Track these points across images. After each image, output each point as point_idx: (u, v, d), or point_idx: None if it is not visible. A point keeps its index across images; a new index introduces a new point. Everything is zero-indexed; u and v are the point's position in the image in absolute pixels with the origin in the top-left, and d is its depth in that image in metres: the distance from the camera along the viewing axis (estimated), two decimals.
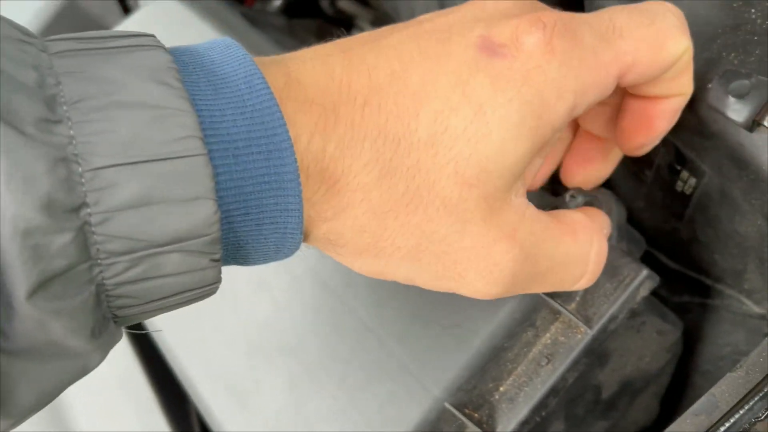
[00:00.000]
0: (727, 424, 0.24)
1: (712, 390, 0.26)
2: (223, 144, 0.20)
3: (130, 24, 0.48)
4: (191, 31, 0.45)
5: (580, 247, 0.26)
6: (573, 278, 0.27)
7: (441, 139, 0.23)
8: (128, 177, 0.18)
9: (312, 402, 0.33)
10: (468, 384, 0.29)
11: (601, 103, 0.29)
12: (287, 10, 0.63)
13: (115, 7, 0.65)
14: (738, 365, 0.25)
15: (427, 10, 0.45)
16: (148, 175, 0.18)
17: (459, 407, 0.29)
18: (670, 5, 0.26)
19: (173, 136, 0.19)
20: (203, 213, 0.19)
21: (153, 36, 0.21)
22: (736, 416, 0.24)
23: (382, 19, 0.61)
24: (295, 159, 0.21)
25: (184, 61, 0.21)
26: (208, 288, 0.21)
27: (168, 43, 0.49)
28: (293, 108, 0.22)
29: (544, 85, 0.23)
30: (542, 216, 0.26)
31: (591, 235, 0.27)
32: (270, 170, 0.21)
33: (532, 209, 0.25)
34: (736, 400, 0.25)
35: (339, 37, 0.26)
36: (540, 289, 0.27)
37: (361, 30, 0.63)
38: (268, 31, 0.48)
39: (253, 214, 0.21)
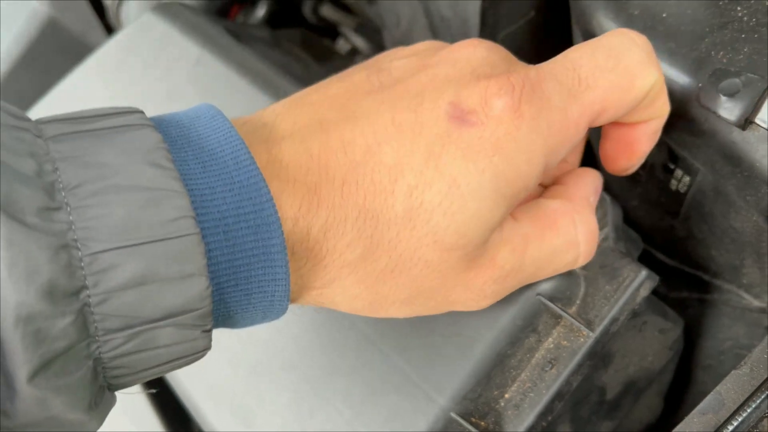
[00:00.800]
0: (735, 423, 0.24)
1: (718, 388, 0.26)
2: (214, 221, 0.21)
3: (113, 43, 0.48)
4: (174, 49, 0.45)
5: (564, 236, 0.27)
6: (567, 264, 0.28)
7: (417, 213, 0.23)
8: (126, 259, 0.19)
9: (317, 417, 0.33)
10: (473, 392, 0.29)
11: None
12: (270, 21, 0.62)
13: (98, 26, 0.64)
14: (742, 362, 0.26)
15: (412, 16, 0.45)
16: (144, 257, 0.19)
17: (465, 416, 0.29)
18: (633, 35, 0.26)
19: (167, 217, 0.19)
20: (196, 289, 0.20)
21: (141, 112, 0.22)
22: (744, 414, 0.24)
23: (365, 25, 0.61)
24: (282, 232, 0.22)
25: (171, 135, 0.22)
26: (199, 354, 0.22)
27: (152, 61, 0.49)
28: (278, 188, 0.23)
29: (515, 153, 0.24)
30: (520, 225, 0.26)
31: (572, 218, 0.27)
32: (258, 243, 0.22)
33: (508, 226, 0.26)
34: (741, 398, 0.25)
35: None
36: (535, 281, 0.28)
37: (346, 38, 0.63)
38: (252, 44, 0.48)
39: (242, 284, 0.22)
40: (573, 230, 0.27)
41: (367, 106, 0.25)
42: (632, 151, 0.28)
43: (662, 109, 0.27)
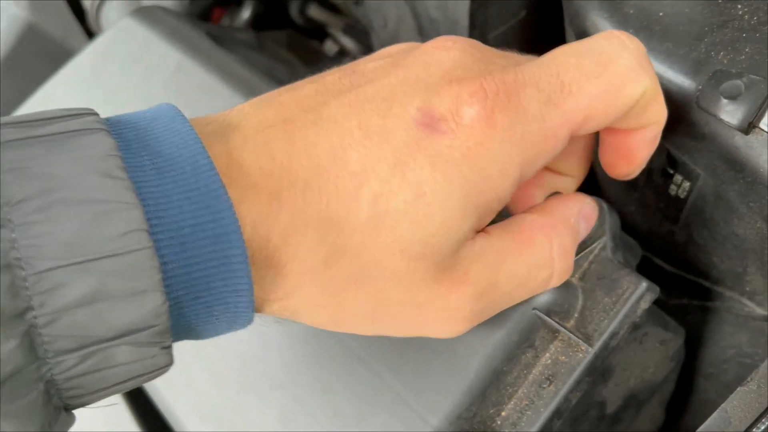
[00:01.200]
0: None
1: (724, 405, 0.24)
2: (170, 232, 0.20)
3: (91, 50, 0.46)
4: (154, 55, 0.43)
5: (539, 253, 0.25)
6: (541, 283, 0.26)
7: (383, 221, 0.22)
8: (74, 277, 0.18)
9: None
10: (468, 411, 0.28)
11: None
12: (256, 23, 0.61)
13: (78, 31, 0.63)
14: (749, 378, 0.24)
15: (399, 17, 0.44)
16: (94, 273, 0.18)
17: None
18: (625, 38, 0.25)
19: (119, 231, 0.18)
20: (151, 305, 0.19)
21: (95, 114, 0.20)
22: None
23: (353, 26, 0.60)
24: (243, 241, 0.21)
25: (127, 138, 0.21)
26: (160, 370, 0.21)
27: (131, 67, 0.47)
28: (237, 194, 0.21)
29: (486, 163, 0.23)
30: (493, 240, 0.25)
31: (548, 234, 0.26)
32: (218, 254, 0.20)
33: (481, 241, 0.24)
34: (749, 416, 0.24)
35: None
36: (511, 304, 0.27)
37: (334, 39, 0.61)
38: (235, 48, 0.47)
39: (202, 297, 0.21)
40: (548, 246, 0.26)
41: (334, 108, 0.23)
42: (631, 157, 0.27)
43: (658, 115, 0.26)
